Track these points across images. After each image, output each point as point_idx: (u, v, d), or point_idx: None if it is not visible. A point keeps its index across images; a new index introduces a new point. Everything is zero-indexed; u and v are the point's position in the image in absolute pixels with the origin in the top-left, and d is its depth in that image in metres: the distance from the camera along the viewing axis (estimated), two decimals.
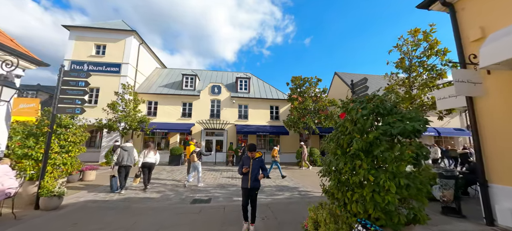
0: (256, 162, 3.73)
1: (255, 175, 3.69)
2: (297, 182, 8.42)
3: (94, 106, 15.26)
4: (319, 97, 15.44)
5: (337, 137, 2.51)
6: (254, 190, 3.74)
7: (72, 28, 16.22)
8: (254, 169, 3.70)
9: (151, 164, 6.89)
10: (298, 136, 18.28)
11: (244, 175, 3.74)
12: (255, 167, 3.71)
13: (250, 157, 3.78)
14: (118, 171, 6.33)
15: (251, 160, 3.74)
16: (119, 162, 6.31)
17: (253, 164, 3.70)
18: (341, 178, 2.35)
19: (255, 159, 3.75)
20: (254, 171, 3.69)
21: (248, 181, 3.67)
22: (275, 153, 10.17)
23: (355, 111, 2.33)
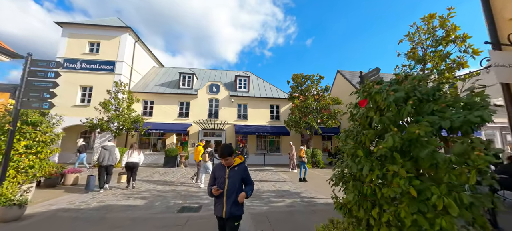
0: (234, 174, 2.30)
1: (234, 194, 2.22)
2: (299, 186, 7.71)
3: (87, 106, 14.67)
4: (322, 95, 14.74)
5: (356, 132, 1.82)
6: (233, 221, 2.24)
7: (65, 25, 15.65)
8: (232, 185, 2.24)
9: (134, 164, 6.90)
10: (300, 136, 17.57)
11: (216, 197, 2.29)
12: (234, 182, 2.26)
13: (225, 165, 2.34)
14: (98, 171, 6.44)
15: (226, 171, 2.31)
16: (99, 161, 6.37)
17: (230, 177, 2.27)
18: (364, 189, 1.65)
19: (232, 168, 2.33)
20: (232, 189, 2.23)
21: (222, 207, 2.21)
22: (302, 153, 9.28)
23: (383, 95, 1.64)
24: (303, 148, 9.54)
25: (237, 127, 16.32)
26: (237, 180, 2.31)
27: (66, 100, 14.72)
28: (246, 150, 11.00)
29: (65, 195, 5.79)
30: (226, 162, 2.32)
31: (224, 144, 2.41)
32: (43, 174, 4.70)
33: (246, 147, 11.18)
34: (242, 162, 2.47)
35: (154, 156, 15.70)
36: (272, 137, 17.56)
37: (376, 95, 1.74)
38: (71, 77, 15.03)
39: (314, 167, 13.73)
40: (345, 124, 17.66)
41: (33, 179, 4.53)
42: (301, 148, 9.50)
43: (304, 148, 9.58)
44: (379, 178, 1.55)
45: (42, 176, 6.36)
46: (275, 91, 18.77)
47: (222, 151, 2.32)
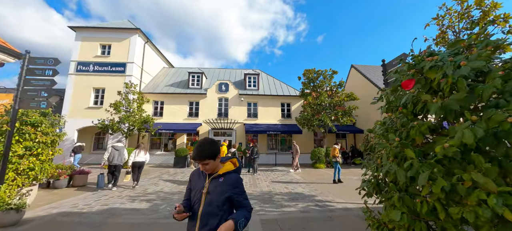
0: (217, 187, 1.42)
1: (212, 222, 1.36)
2: (313, 188, 7.15)
3: (99, 108, 14.91)
4: (335, 91, 13.97)
5: (401, 125, 1.31)
6: None
7: (78, 29, 16.03)
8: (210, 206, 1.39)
9: (141, 163, 7.14)
10: (312, 134, 16.88)
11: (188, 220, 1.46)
12: (214, 200, 1.39)
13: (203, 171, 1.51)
14: (108, 169, 6.74)
15: (206, 180, 1.47)
16: (109, 160, 6.67)
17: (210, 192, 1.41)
18: (417, 205, 1.15)
19: (215, 178, 1.46)
20: (210, 212, 1.38)
21: None
22: (336, 153, 8.38)
23: (447, 68, 1.12)
24: (336, 147, 8.59)
25: (247, 126, 15.94)
26: (221, 198, 1.36)
27: (80, 103, 15.09)
28: (256, 150, 10.58)
29: (71, 197, 5.66)
30: (206, 168, 1.42)
31: (203, 140, 1.46)
32: (46, 176, 4.54)
33: (256, 147, 10.74)
34: (235, 169, 1.55)
35: (164, 156, 15.70)
36: (284, 136, 16.99)
37: (430, 71, 1.23)
38: (84, 80, 15.38)
39: (328, 167, 13.04)
40: (360, 121, 16.71)
41: (34, 181, 4.37)
42: (334, 147, 8.59)
43: (338, 146, 8.67)
44: (445, 191, 1.03)
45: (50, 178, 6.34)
46: (286, 89, 18.17)
47: (196, 150, 1.40)
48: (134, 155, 6.90)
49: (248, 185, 7.54)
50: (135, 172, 7.02)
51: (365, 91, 16.01)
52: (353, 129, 16.33)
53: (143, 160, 7.10)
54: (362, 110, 15.70)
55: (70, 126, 14.69)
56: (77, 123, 14.75)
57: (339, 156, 8.38)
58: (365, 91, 16.04)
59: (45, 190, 6.33)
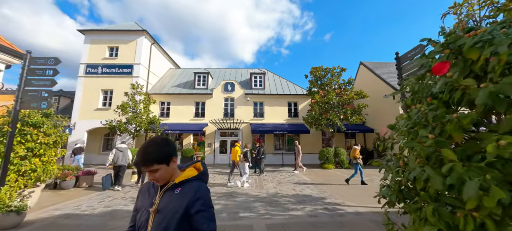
0: (171, 202, 1.01)
1: None
2: (322, 190, 6.84)
3: (108, 109, 15.12)
4: (344, 89, 13.52)
5: (435, 119, 1.04)
6: None
7: (87, 32, 16.35)
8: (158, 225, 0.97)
9: None
10: (320, 134, 16.47)
11: None
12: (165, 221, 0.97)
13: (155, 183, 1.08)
14: (113, 170, 6.92)
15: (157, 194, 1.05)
16: (114, 161, 6.83)
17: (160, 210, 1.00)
18: (460, 222, 0.88)
19: (170, 190, 1.04)
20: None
21: None
22: (356, 154, 7.93)
23: (498, 43, 0.86)
24: (357, 148, 8.11)
25: (253, 125, 15.73)
26: (176, 217, 0.97)
27: (89, 104, 15.36)
28: (263, 150, 10.35)
29: (76, 198, 5.63)
30: (155, 177, 1.03)
31: (152, 139, 1.08)
32: (49, 177, 4.50)
33: (263, 147, 10.52)
34: (199, 175, 1.12)
35: None
36: (291, 136, 16.66)
37: (472, 51, 0.96)
38: (93, 82, 15.65)
39: (337, 167, 12.63)
40: (370, 119, 16.13)
41: (37, 182, 4.34)
42: (355, 148, 8.11)
43: (358, 147, 8.21)
44: (502, 204, 0.77)
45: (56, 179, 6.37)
46: (293, 88, 17.84)
47: (139, 152, 1.02)
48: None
49: (254, 186, 7.32)
50: (140, 172, 7.19)
51: (375, 89, 15.45)
52: (362, 128, 15.80)
53: None
54: (372, 108, 15.14)
55: (80, 127, 14.99)
56: (87, 124, 15.01)
57: (360, 157, 7.96)
58: (375, 89, 15.48)
59: (52, 191, 6.36)
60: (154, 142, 1.06)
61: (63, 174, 6.52)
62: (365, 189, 6.95)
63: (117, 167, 6.79)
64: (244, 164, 7.46)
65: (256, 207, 4.94)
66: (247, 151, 7.62)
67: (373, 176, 9.60)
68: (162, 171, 1.03)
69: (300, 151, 11.31)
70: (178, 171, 1.13)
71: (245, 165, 7.45)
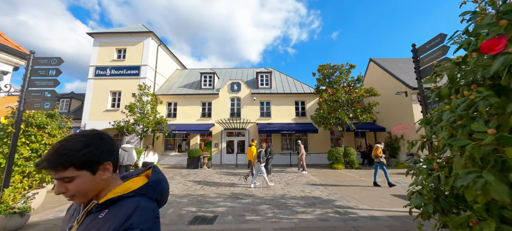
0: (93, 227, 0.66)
1: None
2: (332, 191, 6.54)
3: (116, 110, 15.33)
4: (353, 87, 13.08)
5: (499, 109, 0.79)
6: None
7: (96, 35, 16.66)
8: None
9: (150, 163, 7.22)
10: (329, 133, 16.05)
11: None
12: None
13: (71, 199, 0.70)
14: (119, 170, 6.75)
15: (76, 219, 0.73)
16: (119, 161, 6.29)
17: None
18: None
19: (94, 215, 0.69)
20: None
21: None
22: (379, 152, 7.47)
23: None
24: (379, 146, 7.64)
25: (260, 125, 15.52)
26: None
27: (98, 106, 15.64)
28: (270, 150, 10.13)
29: None
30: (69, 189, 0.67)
31: (74, 134, 0.75)
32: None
33: (270, 147, 10.29)
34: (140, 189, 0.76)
35: (178, 157, 15.77)
36: (298, 135, 16.33)
37: None
38: (102, 84, 15.92)
39: (347, 167, 12.22)
40: (381, 117, 15.56)
41: (43, 183, 4.31)
42: (377, 146, 7.63)
43: (381, 146, 7.73)
44: None
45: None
46: (300, 86, 17.50)
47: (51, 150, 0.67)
48: (144, 155, 7.24)
49: (261, 188, 7.11)
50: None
51: (386, 86, 14.89)
52: (373, 127, 15.26)
53: (152, 160, 7.36)
54: (382, 106, 14.61)
55: (90, 128, 15.25)
56: (97, 126, 15.27)
57: (383, 156, 7.48)
58: (385, 86, 14.92)
59: None
60: (75, 137, 0.71)
61: None
62: (379, 191, 6.59)
63: (123, 166, 7.01)
64: (259, 165, 7.16)
65: (263, 209, 4.74)
66: (261, 151, 7.34)
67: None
68: (81, 182, 0.68)
69: (303, 151, 11.06)
70: (115, 184, 0.78)
71: (261, 166, 7.14)
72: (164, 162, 15.66)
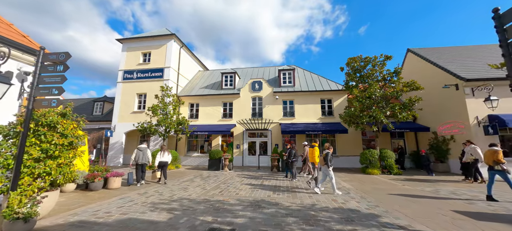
0: None
1: None
2: (372, 203, 5.46)
3: (142, 112, 15.81)
4: (389, 81, 11.50)
5: None
6: None
7: (124, 41, 17.49)
8: None
9: (165, 163, 8.14)
10: (360, 134, 14.52)
11: None
12: None
13: None
14: (135, 168, 7.81)
15: None
16: (136, 160, 7.71)
17: None
18: None
19: None
20: None
21: None
22: (500, 157, 5.67)
23: None
24: (498, 149, 5.84)
25: (283, 126, 14.65)
26: None
27: (127, 108, 16.31)
28: (294, 152, 9.26)
29: (99, 201, 5.44)
30: None
31: None
32: (67, 180, 4.27)
33: (294, 148, 9.41)
34: None
35: (200, 158, 15.66)
36: (325, 136, 15.07)
37: None
38: (129, 87, 16.60)
39: (384, 172, 10.72)
40: (422, 116, 13.53)
41: (52, 186, 4.12)
42: (495, 149, 5.86)
43: (499, 148, 5.93)
44: None
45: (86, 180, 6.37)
46: (326, 83, 16.21)
47: None
48: (160, 155, 8.02)
49: (286, 195, 6.31)
50: (161, 170, 8.13)
51: (428, 79, 12.90)
52: (413, 126, 13.35)
53: (167, 160, 8.11)
54: (425, 102, 12.66)
55: (119, 129, 15.98)
56: (125, 127, 15.93)
57: (504, 162, 5.63)
58: (428, 79, 12.94)
59: (82, 192, 6.39)
60: None
61: (91, 175, 6.51)
62: (434, 205, 5.33)
63: (139, 165, 7.71)
64: (327, 169, 6.45)
65: (289, 224, 3.95)
66: (328, 154, 6.55)
67: (424, 186, 7.67)
68: None
69: (307, 152, 9.50)
70: None
71: (329, 170, 6.44)
72: (187, 162, 15.68)
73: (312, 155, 7.51)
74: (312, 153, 7.53)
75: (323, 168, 6.64)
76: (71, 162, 4.35)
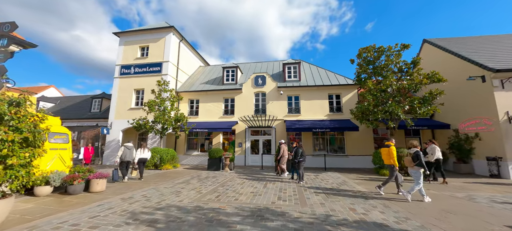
0: None
1: None
2: (399, 213, 4.47)
3: (139, 108, 15.05)
4: (406, 72, 10.40)
5: None
6: None
7: (121, 34, 16.74)
8: None
9: (144, 159, 8.57)
10: (371, 131, 13.44)
11: None
12: None
13: None
14: (120, 165, 7.97)
15: None
16: (122, 158, 7.89)
17: None
18: None
19: None
20: None
21: None
22: None
23: None
24: None
25: (288, 122, 13.69)
26: None
27: (124, 104, 15.57)
28: (301, 151, 8.30)
29: (72, 208, 4.60)
30: None
31: None
32: (20, 186, 3.42)
33: (301, 147, 8.45)
34: None
35: (200, 157, 14.85)
36: (333, 134, 14.06)
37: None
38: (127, 82, 15.85)
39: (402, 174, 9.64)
40: (443, 111, 12.33)
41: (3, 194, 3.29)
42: None
43: None
44: None
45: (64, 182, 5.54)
46: (334, 78, 15.15)
47: None
48: (140, 152, 8.35)
49: (293, 202, 5.37)
50: (141, 167, 8.40)
51: (449, 71, 11.70)
52: (431, 123, 12.23)
53: (146, 157, 8.51)
54: (444, 97, 11.51)
55: (116, 127, 15.26)
56: (122, 124, 15.20)
57: None
58: (448, 71, 11.73)
59: (57, 197, 5.58)
60: None
61: (70, 177, 5.69)
62: (480, 217, 4.32)
63: (125, 162, 7.94)
64: (417, 170, 5.36)
65: None
66: (418, 153, 5.37)
67: (452, 190, 6.62)
68: None
69: (286, 152, 9.42)
70: None
71: (420, 172, 5.34)
72: (186, 162, 14.88)
73: (389, 156, 6.13)
74: (389, 154, 6.14)
75: (411, 170, 5.51)
76: (29, 163, 3.50)
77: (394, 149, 6.11)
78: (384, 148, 6.44)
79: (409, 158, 5.58)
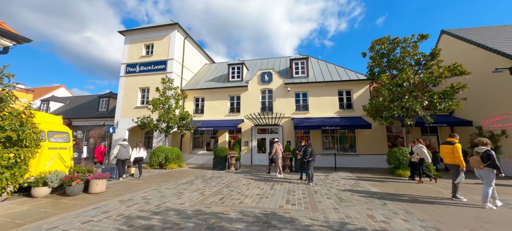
0: None
1: None
2: (425, 221, 3.92)
3: (145, 107, 14.91)
4: (424, 65, 9.64)
5: None
6: None
7: (126, 33, 16.66)
8: None
9: (140, 158, 8.63)
10: (385, 129, 12.72)
11: None
12: None
13: None
14: (116, 163, 8.02)
15: None
16: (119, 156, 7.94)
17: None
18: None
19: None
20: None
21: None
22: None
23: None
24: None
25: (296, 120, 13.15)
26: None
27: (129, 103, 15.49)
28: (311, 150, 7.78)
29: (66, 211, 4.33)
30: None
31: None
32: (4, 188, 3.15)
33: (310, 146, 7.93)
34: None
35: (206, 156, 14.58)
36: (343, 132, 13.41)
37: None
38: (132, 81, 15.76)
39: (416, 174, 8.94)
40: (466, 107, 11.41)
41: None
42: None
43: None
44: None
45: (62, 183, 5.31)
46: (344, 73, 14.45)
47: None
48: (136, 151, 8.43)
49: (303, 206, 4.90)
50: (137, 166, 8.56)
51: (470, 63, 10.78)
52: (451, 120, 11.39)
53: (142, 156, 8.60)
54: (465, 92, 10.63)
55: (122, 125, 15.21)
56: (128, 123, 15.13)
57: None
58: (469, 63, 10.83)
59: (55, 198, 5.35)
60: None
61: (68, 177, 5.46)
62: None
63: (120, 160, 7.97)
64: (490, 172, 4.62)
65: None
66: (489, 152, 4.66)
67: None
68: None
69: (279, 151, 9.11)
70: None
71: (493, 173, 4.61)
72: (192, 161, 14.64)
73: (454, 154, 5.25)
74: (454, 151, 5.24)
75: (483, 171, 4.73)
76: (15, 164, 3.21)
77: (459, 146, 5.26)
78: (446, 144, 5.51)
79: (477, 157, 4.79)
